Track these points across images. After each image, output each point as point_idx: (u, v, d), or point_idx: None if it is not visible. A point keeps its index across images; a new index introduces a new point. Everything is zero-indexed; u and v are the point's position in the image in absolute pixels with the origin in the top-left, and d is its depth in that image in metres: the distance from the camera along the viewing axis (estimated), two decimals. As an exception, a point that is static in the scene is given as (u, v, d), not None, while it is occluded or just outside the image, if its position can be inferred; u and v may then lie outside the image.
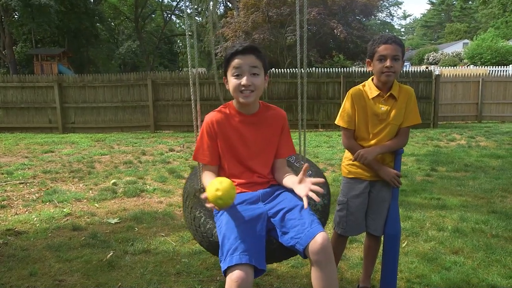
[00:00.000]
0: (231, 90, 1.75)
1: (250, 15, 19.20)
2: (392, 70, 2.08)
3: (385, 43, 2.09)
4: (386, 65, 2.07)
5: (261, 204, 1.75)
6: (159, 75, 11.51)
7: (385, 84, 2.15)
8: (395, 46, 2.07)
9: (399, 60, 2.09)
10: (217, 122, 1.81)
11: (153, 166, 6.37)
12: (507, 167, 5.98)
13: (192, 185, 1.98)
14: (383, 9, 31.31)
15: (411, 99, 2.19)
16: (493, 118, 12.76)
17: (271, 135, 1.86)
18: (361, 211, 2.26)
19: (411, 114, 2.19)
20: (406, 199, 4.36)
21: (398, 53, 2.08)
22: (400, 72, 2.16)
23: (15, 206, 4.29)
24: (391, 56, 2.07)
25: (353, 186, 2.26)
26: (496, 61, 24.90)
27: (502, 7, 35.93)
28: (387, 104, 2.15)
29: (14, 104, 11.35)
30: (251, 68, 1.71)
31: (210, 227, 1.77)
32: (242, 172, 1.84)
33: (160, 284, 2.54)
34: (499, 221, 3.61)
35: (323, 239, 1.54)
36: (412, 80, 11.33)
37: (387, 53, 2.07)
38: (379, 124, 2.16)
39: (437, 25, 64.88)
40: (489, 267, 2.74)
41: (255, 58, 1.72)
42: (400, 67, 2.11)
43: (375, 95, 2.15)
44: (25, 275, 2.66)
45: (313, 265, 1.57)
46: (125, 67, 37.54)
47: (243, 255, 1.51)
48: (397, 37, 2.15)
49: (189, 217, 1.90)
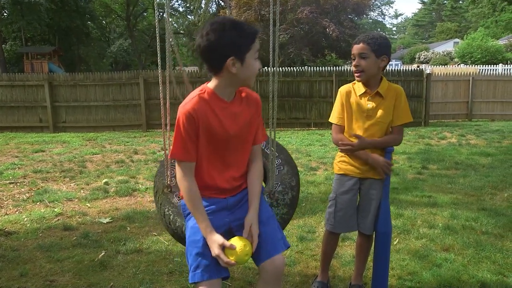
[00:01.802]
0: (250, 74, 1.58)
1: (242, 13, 19.17)
2: (359, 69, 2.13)
3: (355, 43, 2.17)
4: (353, 64, 2.17)
5: (226, 214, 1.66)
6: (151, 73, 11.45)
7: (368, 82, 2.18)
8: (362, 44, 2.11)
9: (367, 58, 2.10)
10: (198, 111, 1.55)
11: (145, 165, 6.34)
12: (496, 165, 6.05)
13: (161, 180, 2.00)
14: (375, 8, 31.48)
15: (400, 98, 2.20)
16: (483, 117, 12.90)
17: (251, 120, 1.68)
18: (350, 208, 2.27)
19: (402, 113, 2.20)
20: (398, 197, 4.39)
21: (364, 51, 2.10)
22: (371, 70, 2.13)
23: (5, 206, 4.24)
24: (357, 55, 2.13)
25: (342, 183, 2.28)
26: (486, 60, 25.16)
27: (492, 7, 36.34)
28: (373, 101, 2.17)
29: (4, 103, 11.20)
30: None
31: (179, 225, 1.82)
32: (221, 172, 1.65)
33: (153, 284, 2.53)
34: (488, 218, 3.65)
35: (279, 263, 1.60)
36: (403, 79, 11.41)
37: (354, 52, 2.16)
38: (366, 120, 2.18)
39: (428, 24, 65.40)
40: (479, 264, 2.77)
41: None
42: (370, 65, 2.11)
43: (362, 92, 2.19)
44: (15, 275, 2.63)
45: (261, 280, 1.63)
46: (116, 65, 37.24)
47: (204, 273, 1.53)
48: (373, 35, 2.15)
49: (160, 213, 1.94)
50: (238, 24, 1.54)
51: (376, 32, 2.35)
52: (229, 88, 1.60)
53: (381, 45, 2.12)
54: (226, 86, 1.59)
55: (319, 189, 4.79)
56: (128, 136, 10.06)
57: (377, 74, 2.17)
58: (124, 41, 35.81)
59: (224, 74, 1.54)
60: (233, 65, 1.52)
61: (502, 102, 12.89)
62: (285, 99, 11.03)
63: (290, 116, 11.14)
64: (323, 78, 11.34)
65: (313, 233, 3.36)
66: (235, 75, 1.54)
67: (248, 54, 1.54)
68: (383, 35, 2.23)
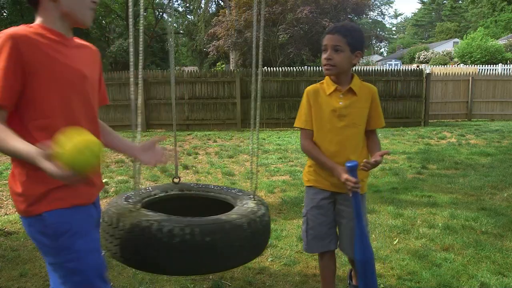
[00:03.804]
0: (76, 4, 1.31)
1: (242, 13, 19.16)
2: (331, 63, 1.86)
3: (328, 33, 1.88)
4: (324, 57, 1.87)
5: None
6: (151, 73, 11.45)
7: (338, 79, 1.94)
8: (338, 36, 1.84)
9: (341, 51, 1.84)
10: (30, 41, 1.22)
11: (145, 165, 6.33)
12: (496, 165, 6.05)
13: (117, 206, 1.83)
14: (374, 8, 31.43)
15: (375, 99, 1.98)
16: (482, 116, 12.91)
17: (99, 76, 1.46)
18: (323, 225, 2.01)
19: (380, 115, 2.00)
20: (398, 197, 4.39)
21: (339, 44, 1.83)
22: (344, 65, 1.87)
23: (4, 206, 4.24)
24: (330, 46, 1.85)
25: (312, 196, 2.02)
26: (485, 60, 25.17)
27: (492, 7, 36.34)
28: (345, 99, 1.92)
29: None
30: None
31: (170, 229, 1.62)
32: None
33: (152, 284, 2.53)
34: (488, 218, 3.65)
35: None
36: (403, 79, 11.42)
37: (326, 43, 1.86)
38: (338, 121, 1.92)
39: (428, 24, 65.41)
40: (479, 264, 2.77)
41: None
42: (343, 60, 1.86)
43: (332, 90, 1.93)
44: (15, 275, 2.63)
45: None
46: (116, 65, 37.20)
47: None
48: (351, 27, 1.90)
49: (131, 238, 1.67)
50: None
51: (352, 23, 2.07)
52: (59, 22, 1.30)
53: (358, 39, 1.87)
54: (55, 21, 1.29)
55: (319, 189, 4.80)
56: (127, 136, 10.05)
57: (348, 71, 1.92)
58: (124, 41, 35.76)
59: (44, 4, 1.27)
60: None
61: (502, 102, 12.90)
62: (285, 99, 11.02)
63: (290, 116, 11.14)
64: (322, 78, 11.26)
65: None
66: (54, 5, 1.27)
67: None
68: (360, 28, 1.98)
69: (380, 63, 34.29)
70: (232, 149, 7.77)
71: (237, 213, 1.80)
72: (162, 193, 2.23)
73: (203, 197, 2.26)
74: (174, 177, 2.21)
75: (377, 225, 3.53)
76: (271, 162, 6.47)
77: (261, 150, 7.64)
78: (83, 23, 1.34)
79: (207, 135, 9.83)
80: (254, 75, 1.91)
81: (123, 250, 1.72)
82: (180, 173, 5.63)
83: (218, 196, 2.20)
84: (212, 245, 1.64)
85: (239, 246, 1.69)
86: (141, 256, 1.68)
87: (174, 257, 1.64)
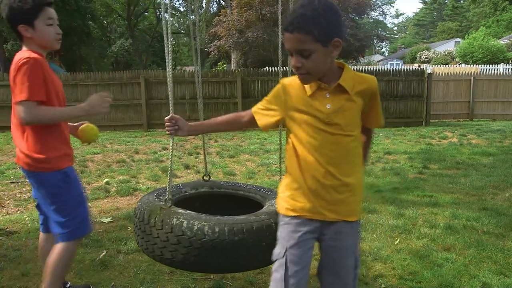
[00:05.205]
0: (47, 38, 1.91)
1: (243, 13, 19.15)
2: (302, 72, 1.38)
3: (286, 31, 1.36)
4: (292, 64, 1.39)
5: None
6: (152, 73, 11.47)
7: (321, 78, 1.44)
8: (298, 35, 1.32)
9: (312, 53, 1.34)
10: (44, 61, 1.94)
11: (146, 165, 6.34)
12: (498, 165, 6.04)
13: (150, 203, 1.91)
14: (376, 7, 31.36)
15: (375, 96, 1.53)
16: (484, 116, 12.89)
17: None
18: (307, 269, 1.48)
19: (377, 115, 1.57)
20: (399, 197, 4.39)
21: (304, 46, 1.33)
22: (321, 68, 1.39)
23: (6, 205, 4.25)
24: (295, 51, 1.37)
25: (293, 229, 1.46)
26: (487, 60, 25.14)
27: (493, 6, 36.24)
28: (335, 101, 1.42)
29: (5, 103, 11.22)
30: None
31: (199, 227, 1.67)
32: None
33: (154, 283, 2.53)
34: (490, 218, 3.65)
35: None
36: (404, 79, 11.41)
37: (288, 47, 1.38)
38: (321, 131, 1.42)
39: (429, 23, 65.34)
40: (480, 264, 2.77)
41: None
42: (318, 62, 1.36)
43: (315, 89, 1.43)
44: (17, 275, 2.64)
45: None
46: (117, 65, 37.25)
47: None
48: (310, 12, 1.32)
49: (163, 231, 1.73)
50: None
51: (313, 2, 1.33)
52: (39, 49, 1.90)
53: (328, 24, 1.32)
54: (36, 48, 1.88)
55: (320, 188, 4.79)
56: (129, 135, 10.06)
57: (331, 66, 1.43)
58: (125, 40, 35.81)
59: (25, 39, 1.87)
60: (25, 30, 1.85)
61: (504, 101, 12.89)
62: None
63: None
64: (324, 77, 11.32)
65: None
66: (31, 38, 1.86)
67: (36, 21, 1.84)
68: (328, 3, 1.35)
69: (382, 63, 34.26)
70: (233, 149, 7.77)
71: (266, 213, 1.83)
72: (192, 190, 2.28)
73: (233, 195, 2.30)
74: (204, 175, 2.28)
75: (378, 225, 3.52)
76: (272, 162, 6.47)
77: (263, 150, 7.64)
78: (53, 49, 1.97)
79: (208, 135, 9.84)
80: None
81: (153, 246, 1.78)
82: (182, 173, 5.64)
83: (248, 195, 2.26)
84: (241, 245, 1.67)
85: (266, 246, 1.71)
86: (170, 253, 1.73)
87: (202, 255, 1.68)
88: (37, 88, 1.78)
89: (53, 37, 1.91)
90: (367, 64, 30.80)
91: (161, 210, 1.80)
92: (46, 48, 1.93)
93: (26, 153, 1.89)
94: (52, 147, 1.91)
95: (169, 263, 1.79)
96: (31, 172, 1.92)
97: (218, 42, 20.24)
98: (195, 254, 1.69)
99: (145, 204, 1.91)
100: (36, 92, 1.78)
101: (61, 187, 1.93)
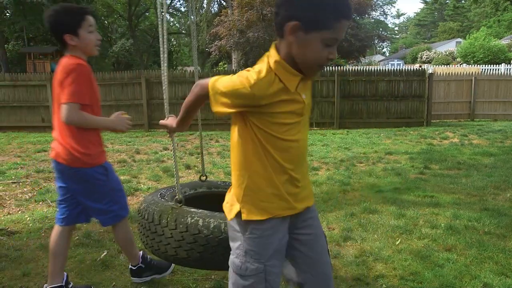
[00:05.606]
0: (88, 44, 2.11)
1: (244, 13, 19.14)
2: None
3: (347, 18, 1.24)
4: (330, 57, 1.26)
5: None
6: (153, 73, 11.48)
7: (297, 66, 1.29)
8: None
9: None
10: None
11: (147, 165, 6.35)
12: (499, 165, 6.03)
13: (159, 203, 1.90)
14: (377, 7, 31.32)
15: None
16: (485, 116, 12.88)
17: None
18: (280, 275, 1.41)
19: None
20: (400, 197, 4.38)
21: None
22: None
23: (7, 205, 4.26)
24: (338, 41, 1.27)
25: (271, 234, 1.35)
26: (488, 60, 25.11)
27: (495, 6, 36.23)
28: (305, 88, 1.34)
29: (6, 103, 11.25)
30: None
31: (216, 225, 1.65)
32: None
33: (154, 283, 2.53)
34: (491, 218, 3.64)
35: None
36: (405, 79, 11.40)
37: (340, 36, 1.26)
38: (297, 125, 1.33)
39: (430, 23, 65.30)
40: (482, 264, 2.76)
41: None
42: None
43: (297, 82, 1.29)
44: (18, 275, 2.64)
45: None
46: (118, 65, 37.26)
47: None
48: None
49: (177, 230, 1.71)
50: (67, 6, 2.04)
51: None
52: (82, 55, 2.11)
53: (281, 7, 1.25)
54: (80, 55, 2.08)
55: (321, 189, 4.78)
56: (130, 135, 10.07)
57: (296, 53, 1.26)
58: (126, 41, 35.82)
59: (69, 46, 2.06)
60: (71, 39, 2.04)
61: (505, 102, 12.87)
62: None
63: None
64: (325, 78, 11.32)
65: (315, 233, 3.35)
66: (75, 46, 2.06)
67: (80, 29, 2.03)
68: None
69: (383, 63, 34.24)
70: (234, 149, 7.76)
71: None
72: (191, 190, 2.27)
73: None
74: (201, 175, 2.31)
75: (379, 225, 3.52)
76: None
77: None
78: (92, 54, 2.16)
79: (209, 135, 9.84)
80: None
81: (166, 246, 1.76)
82: (183, 173, 5.64)
83: None
84: None
85: None
86: (186, 252, 1.72)
87: (219, 252, 1.67)
88: (83, 92, 2.00)
89: (94, 43, 2.11)
90: (368, 64, 30.79)
91: (172, 210, 1.80)
92: (87, 53, 2.13)
93: (70, 149, 2.07)
94: (94, 144, 2.14)
95: (183, 262, 1.78)
96: (71, 168, 2.09)
97: (219, 42, 20.24)
98: (212, 252, 1.68)
99: (153, 204, 1.90)
100: (81, 96, 1.99)
101: (102, 180, 2.15)
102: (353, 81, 11.36)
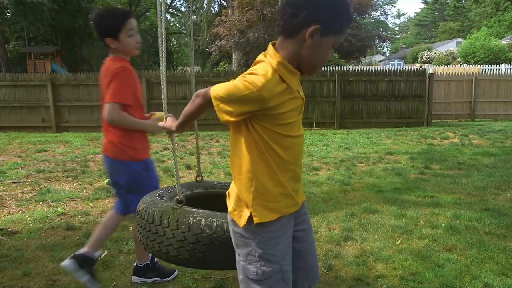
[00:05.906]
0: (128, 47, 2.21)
1: (244, 13, 19.13)
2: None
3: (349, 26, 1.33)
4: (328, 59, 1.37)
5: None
6: (154, 73, 11.48)
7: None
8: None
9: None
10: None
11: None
12: (499, 165, 6.03)
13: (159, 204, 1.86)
14: (377, 7, 31.29)
15: None
16: (486, 116, 12.87)
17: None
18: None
19: None
20: (400, 197, 4.38)
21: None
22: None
23: (8, 205, 4.26)
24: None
25: (282, 233, 1.38)
26: (489, 60, 25.09)
27: (495, 6, 36.21)
28: (299, 85, 1.38)
29: (7, 103, 11.25)
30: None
31: (219, 224, 1.64)
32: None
33: (155, 283, 2.53)
34: (491, 219, 3.64)
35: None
36: (406, 79, 11.39)
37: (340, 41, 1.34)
38: (298, 122, 1.40)
39: (431, 23, 65.25)
40: (482, 264, 2.76)
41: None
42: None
43: (298, 78, 1.35)
44: (18, 275, 2.64)
45: None
46: (119, 65, 37.24)
47: None
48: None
49: (179, 231, 1.70)
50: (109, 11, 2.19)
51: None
52: (124, 57, 2.23)
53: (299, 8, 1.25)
54: (121, 56, 2.21)
55: (321, 189, 4.78)
56: (130, 136, 10.07)
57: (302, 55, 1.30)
58: (127, 41, 35.84)
59: (111, 49, 2.19)
60: (112, 42, 2.16)
61: (505, 102, 12.86)
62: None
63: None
64: (325, 78, 11.32)
65: (315, 233, 3.35)
66: (116, 48, 2.17)
67: (120, 34, 2.14)
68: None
69: (383, 63, 34.22)
70: (235, 149, 7.76)
71: None
72: (188, 191, 2.26)
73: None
74: (197, 176, 2.32)
75: (379, 225, 3.52)
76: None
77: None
78: (133, 55, 2.29)
79: (210, 135, 9.84)
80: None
81: (168, 247, 1.74)
82: (183, 173, 5.64)
83: None
84: None
85: None
86: (188, 252, 1.70)
87: (222, 252, 1.66)
88: (126, 94, 2.13)
89: (133, 46, 2.21)
90: (368, 64, 30.77)
91: (174, 210, 1.78)
92: (128, 55, 2.25)
93: (117, 143, 2.21)
94: (140, 139, 2.26)
95: (185, 262, 1.76)
96: (117, 161, 2.23)
97: (219, 42, 20.24)
98: (215, 251, 1.67)
99: (152, 205, 1.88)
100: (124, 97, 2.12)
101: (142, 174, 2.26)
102: (353, 81, 11.35)
